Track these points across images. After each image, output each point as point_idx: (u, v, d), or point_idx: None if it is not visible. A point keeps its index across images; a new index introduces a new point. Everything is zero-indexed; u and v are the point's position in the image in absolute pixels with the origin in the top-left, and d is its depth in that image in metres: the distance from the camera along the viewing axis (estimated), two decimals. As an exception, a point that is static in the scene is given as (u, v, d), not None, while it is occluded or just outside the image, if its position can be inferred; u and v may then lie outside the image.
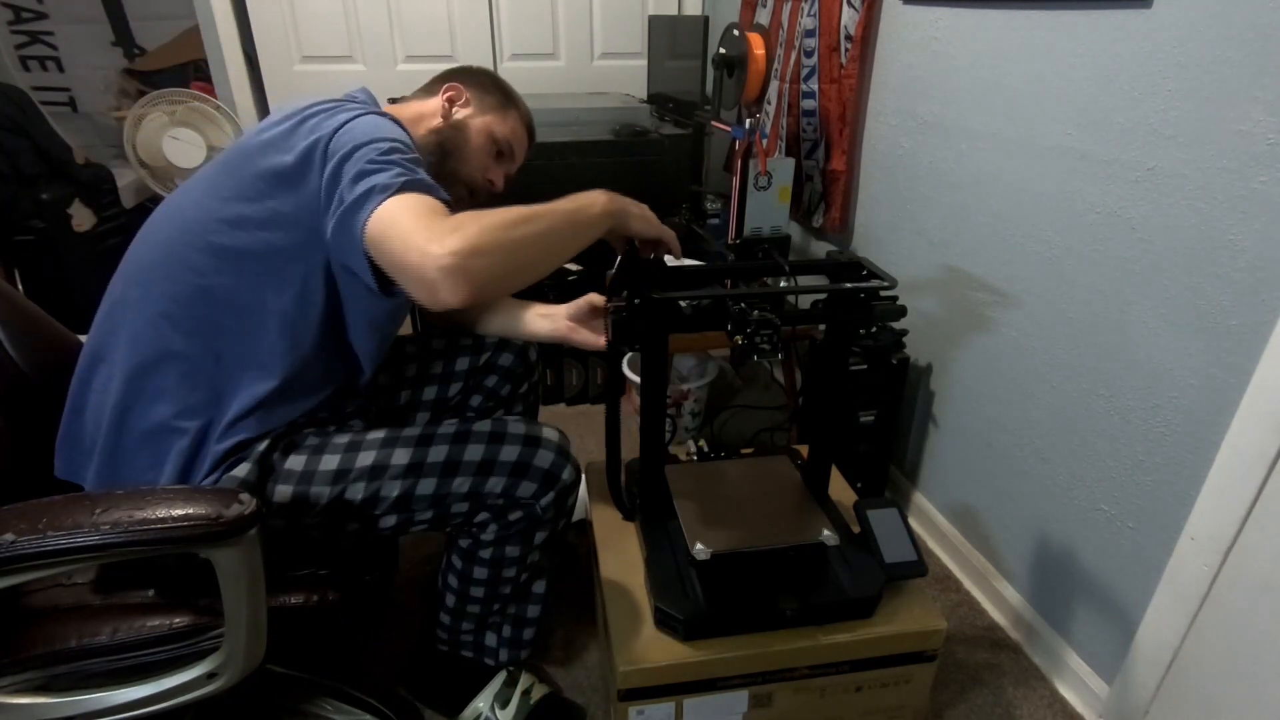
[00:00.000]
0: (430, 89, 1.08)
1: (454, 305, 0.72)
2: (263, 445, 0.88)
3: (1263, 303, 0.85)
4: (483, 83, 1.08)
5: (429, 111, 1.04)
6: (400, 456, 0.90)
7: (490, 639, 1.09)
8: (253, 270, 0.85)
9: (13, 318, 0.93)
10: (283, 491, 0.88)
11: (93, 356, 0.88)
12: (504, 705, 1.08)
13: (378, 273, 0.80)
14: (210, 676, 0.75)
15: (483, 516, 0.94)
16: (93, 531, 0.63)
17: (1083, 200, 1.08)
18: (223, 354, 0.86)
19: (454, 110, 1.05)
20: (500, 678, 1.10)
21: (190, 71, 2.73)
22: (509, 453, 0.91)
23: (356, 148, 0.81)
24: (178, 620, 0.80)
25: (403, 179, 0.78)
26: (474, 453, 0.91)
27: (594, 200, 0.86)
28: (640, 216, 0.93)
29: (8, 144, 2.07)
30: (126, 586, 0.85)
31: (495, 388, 1.22)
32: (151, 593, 0.85)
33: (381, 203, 0.76)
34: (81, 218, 2.22)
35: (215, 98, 2.43)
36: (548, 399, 2.07)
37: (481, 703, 1.09)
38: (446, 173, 1.01)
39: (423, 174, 0.82)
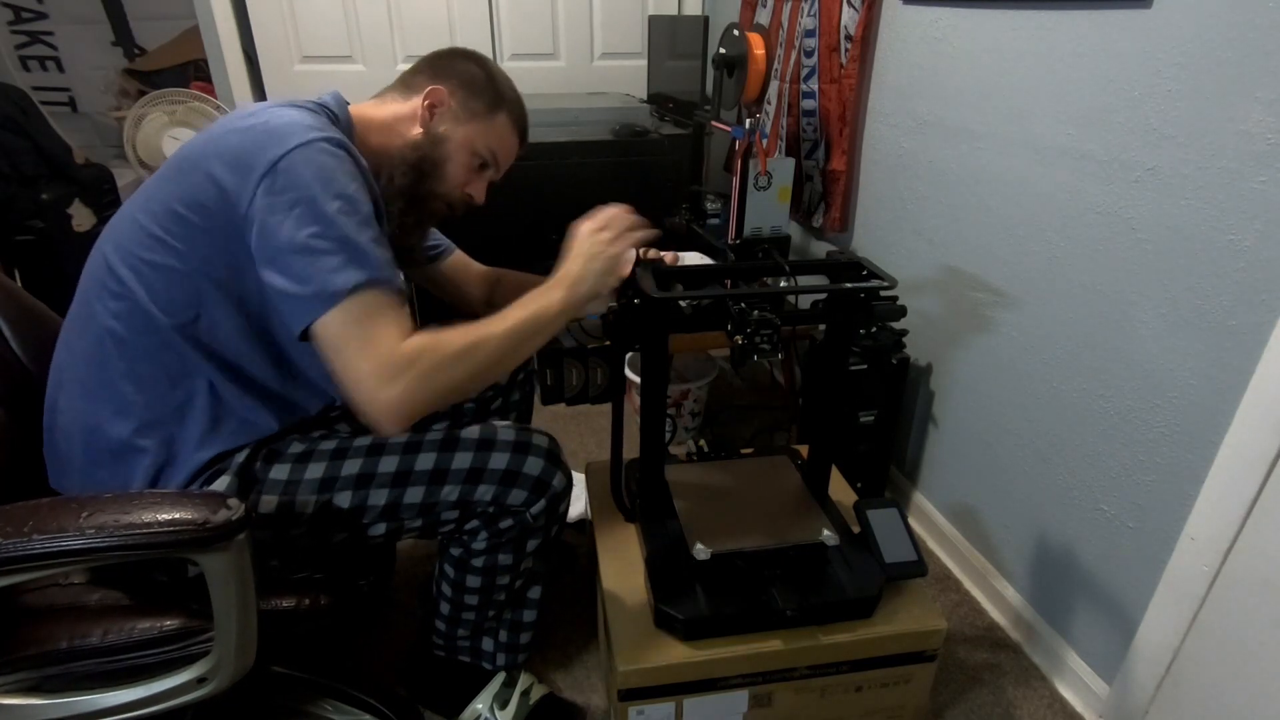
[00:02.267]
0: (410, 84, 0.99)
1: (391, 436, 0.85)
2: (242, 456, 0.86)
3: (1263, 303, 0.85)
4: (471, 81, 0.99)
5: (406, 116, 0.97)
6: (387, 464, 0.88)
7: (487, 644, 1.08)
8: (182, 283, 0.82)
9: (16, 313, 0.93)
10: (267, 501, 0.85)
11: (57, 375, 0.87)
12: (503, 706, 1.08)
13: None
14: (200, 681, 0.74)
15: (473, 524, 0.92)
16: (78, 535, 0.62)
17: (1083, 200, 1.08)
18: (168, 367, 0.83)
19: (434, 120, 0.97)
20: (499, 678, 1.10)
21: (190, 71, 2.73)
22: (498, 460, 0.89)
23: (297, 203, 0.77)
24: (168, 623, 0.80)
25: (352, 281, 0.75)
26: (462, 460, 0.89)
27: (550, 302, 0.87)
28: (603, 272, 0.90)
29: (8, 144, 2.06)
30: (120, 587, 0.85)
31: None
32: (143, 595, 0.84)
33: (328, 310, 0.75)
34: (81, 218, 2.22)
35: (215, 98, 2.43)
36: (548, 399, 2.06)
37: (480, 703, 1.09)
38: (424, 193, 0.98)
39: (373, 252, 0.78)
